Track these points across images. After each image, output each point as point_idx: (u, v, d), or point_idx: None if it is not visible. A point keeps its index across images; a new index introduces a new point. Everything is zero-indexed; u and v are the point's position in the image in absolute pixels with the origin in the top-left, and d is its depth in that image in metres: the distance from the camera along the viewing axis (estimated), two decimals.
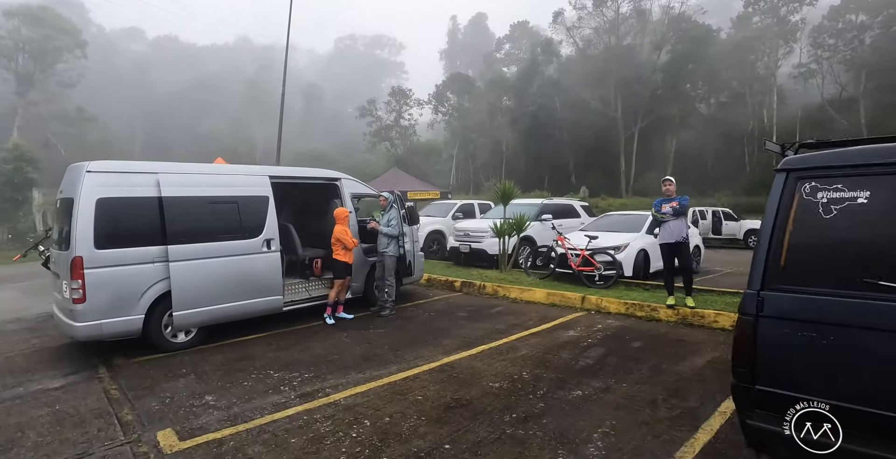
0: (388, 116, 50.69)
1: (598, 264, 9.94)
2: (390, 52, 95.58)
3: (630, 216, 12.19)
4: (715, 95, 46.02)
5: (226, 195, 6.72)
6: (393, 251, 7.98)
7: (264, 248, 6.94)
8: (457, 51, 78.64)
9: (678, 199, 7.70)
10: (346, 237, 7.51)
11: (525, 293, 9.12)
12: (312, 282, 8.22)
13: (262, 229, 6.95)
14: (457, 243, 12.51)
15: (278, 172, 7.56)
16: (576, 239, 10.56)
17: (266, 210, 7.05)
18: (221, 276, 6.50)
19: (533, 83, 45.99)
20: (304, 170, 8.14)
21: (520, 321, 7.57)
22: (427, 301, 9.16)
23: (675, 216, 7.56)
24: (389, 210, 8.07)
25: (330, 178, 8.23)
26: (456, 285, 10.19)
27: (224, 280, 6.52)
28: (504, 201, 10.93)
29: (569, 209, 14.16)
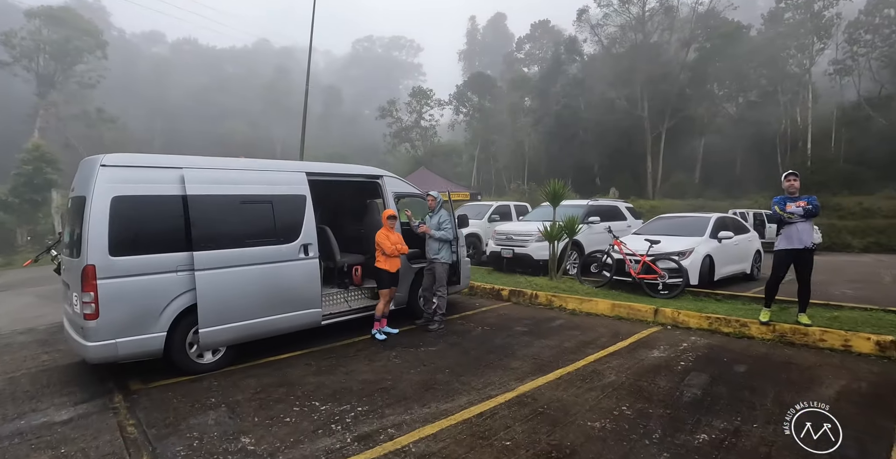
0: (409, 116, 49.97)
1: (661, 272, 8.95)
2: (408, 54, 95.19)
3: (689, 219, 11.15)
4: (744, 93, 44.46)
5: (259, 194, 5.87)
6: (446, 258, 7.09)
7: (301, 254, 6.08)
8: (476, 51, 77.83)
9: (806, 198, 6.51)
10: (387, 242, 6.63)
11: (585, 303, 8.15)
12: (352, 292, 7.35)
13: (298, 233, 6.09)
14: (497, 248, 11.57)
15: (316, 168, 6.71)
16: (634, 244, 9.56)
17: (303, 211, 6.20)
18: (254, 287, 5.65)
19: (556, 83, 44.96)
20: (343, 166, 7.28)
21: (589, 338, 6.61)
22: (475, 312, 8.24)
23: (804, 218, 6.42)
24: (439, 211, 7.17)
25: (371, 175, 7.36)
26: (503, 293, 9.25)
27: (257, 291, 5.67)
28: (554, 202, 9.98)
29: (614, 211, 13.14)
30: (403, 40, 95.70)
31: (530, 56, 62.31)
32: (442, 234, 6.96)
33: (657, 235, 10.10)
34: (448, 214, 7.17)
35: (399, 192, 7.56)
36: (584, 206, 12.10)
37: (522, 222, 12.14)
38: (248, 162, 6.06)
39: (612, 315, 7.78)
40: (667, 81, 42.26)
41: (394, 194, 7.42)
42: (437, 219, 7.10)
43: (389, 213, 6.78)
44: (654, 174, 42.43)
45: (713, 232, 10.14)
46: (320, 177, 6.70)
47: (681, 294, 8.76)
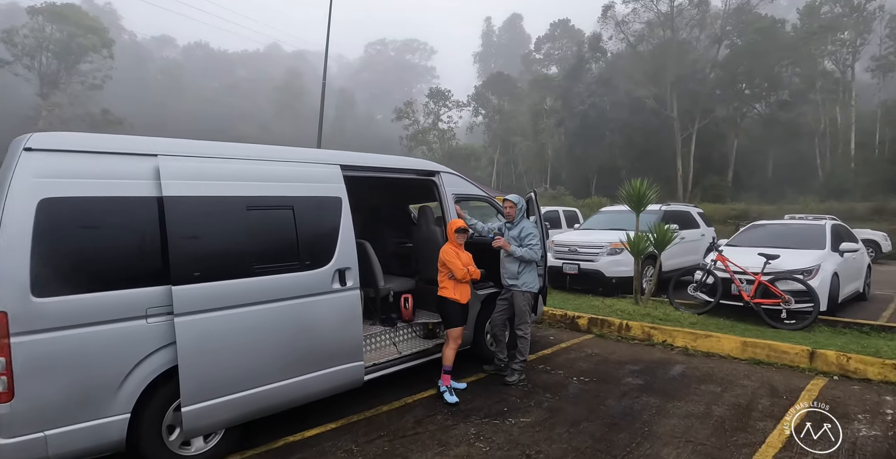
0: (426, 118, 48.22)
1: (785, 296, 6.95)
2: (421, 57, 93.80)
3: (795, 227, 9.13)
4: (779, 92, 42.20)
5: (274, 195, 3.99)
6: (531, 284, 5.16)
7: (336, 284, 4.20)
8: (491, 53, 76.15)
9: None
10: (458, 263, 4.74)
11: (702, 340, 6.17)
12: (401, 330, 5.43)
13: (332, 253, 4.21)
14: (558, 262, 9.61)
15: (354, 159, 4.80)
16: (743, 259, 7.57)
17: (338, 220, 4.33)
18: (266, 336, 3.78)
19: (580, 82, 43.05)
20: (389, 159, 5.34)
21: (741, 398, 4.65)
22: (555, 351, 6.29)
23: None
24: (521, 222, 5.26)
25: (426, 170, 5.45)
26: (581, 323, 7.28)
27: (271, 344, 3.80)
28: (637, 208, 8.02)
29: (686, 217, 11.13)
30: (416, 43, 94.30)
31: (549, 56, 60.40)
32: (527, 252, 5.04)
33: (757, 246, 8.13)
34: (534, 225, 5.26)
35: (460, 194, 5.66)
36: (657, 211, 10.11)
37: (588, 232, 10.19)
38: (259, 149, 4.18)
39: (746, 358, 5.79)
40: (696, 79, 40.22)
41: (454, 197, 5.52)
42: (518, 231, 5.19)
43: (458, 224, 4.88)
44: (685, 177, 40.25)
45: (833, 243, 8.14)
46: (360, 172, 4.82)
47: (812, 325, 6.77)
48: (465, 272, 4.74)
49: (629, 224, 9.13)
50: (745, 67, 39.18)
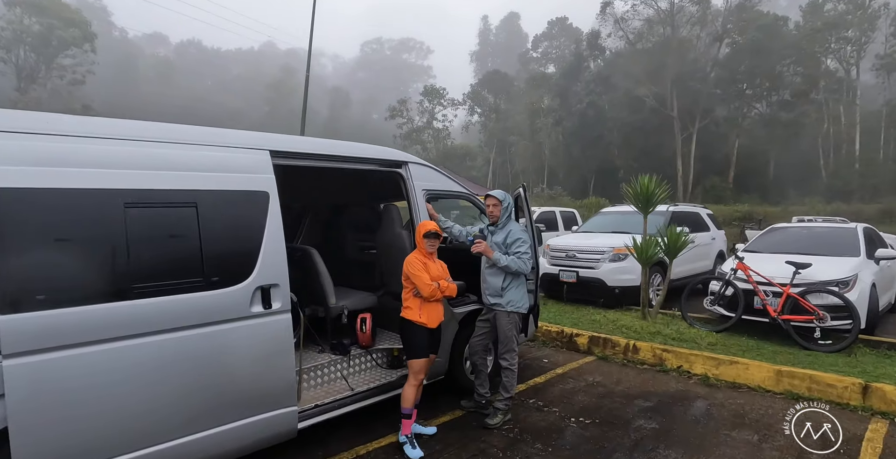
0: (420, 117, 47.17)
1: (820, 312, 5.92)
2: (417, 56, 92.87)
3: (821, 230, 8.09)
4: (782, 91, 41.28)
5: (166, 189, 2.94)
6: (518, 303, 4.13)
7: (256, 306, 3.17)
8: (488, 52, 75.17)
9: None
10: (424, 277, 3.70)
11: (725, 367, 5.13)
12: (356, 359, 4.36)
13: (251, 265, 3.18)
14: (554, 269, 8.57)
15: (290, 144, 3.73)
16: (768, 267, 6.55)
17: (263, 222, 3.29)
18: (151, 381, 2.76)
19: (578, 80, 42.06)
20: (341, 145, 4.28)
21: (788, 451, 3.61)
22: (549, 379, 5.25)
23: None
24: (507, 224, 4.22)
25: (388, 160, 4.39)
26: (580, 342, 6.24)
27: (158, 391, 2.78)
28: (645, 208, 6.97)
29: (695, 219, 10.09)
30: (413, 42, 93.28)
31: (547, 55, 59.40)
32: (513, 262, 3.99)
33: (781, 252, 7.12)
34: (523, 229, 4.21)
35: (433, 190, 4.62)
36: (664, 213, 9.07)
37: (588, 235, 9.14)
38: (149, 128, 3.13)
39: (781, 392, 4.75)
40: (697, 78, 39.26)
41: (425, 193, 4.48)
42: (503, 235, 4.15)
43: (428, 227, 3.85)
44: (685, 178, 39.31)
45: (868, 250, 7.12)
46: (299, 160, 3.77)
47: (852, 346, 5.75)
48: (433, 288, 3.71)
49: (634, 227, 8.14)
50: (746, 66, 38.26)
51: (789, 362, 5.16)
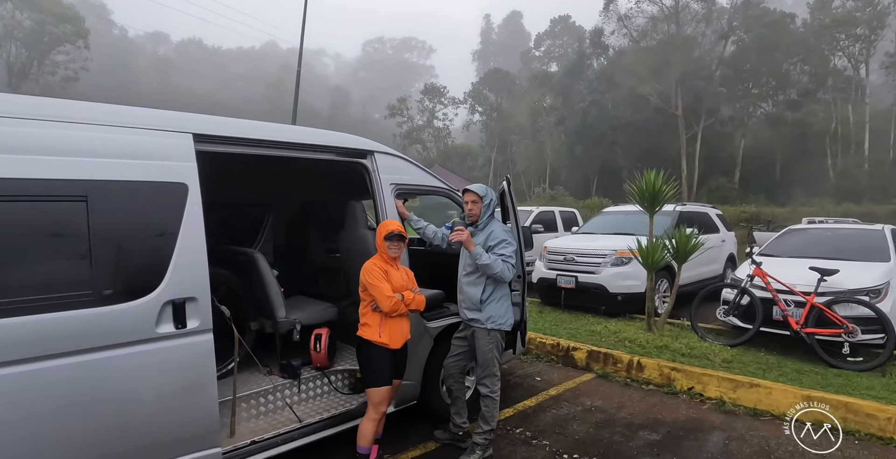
0: (420, 116, 46.53)
1: (849, 325, 5.25)
2: (420, 56, 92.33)
3: (842, 232, 7.41)
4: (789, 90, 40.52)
5: (46, 179, 2.30)
6: (500, 318, 3.47)
7: (166, 325, 2.54)
8: (490, 51, 74.51)
9: None
10: (383, 288, 3.06)
11: (744, 390, 4.45)
12: (309, 383, 3.70)
13: (160, 274, 2.54)
14: (551, 273, 7.91)
15: (221, 127, 3.08)
16: (788, 274, 5.87)
17: (178, 221, 2.64)
18: (19, 421, 2.13)
19: (581, 79, 41.37)
20: (293, 130, 3.63)
21: None
22: (539, 402, 4.58)
23: None
24: (488, 224, 3.56)
25: (349, 149, 3.72)
26: (578, 357, 5.56)
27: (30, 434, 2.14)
28: (651, 207, 6.28)
29: (704, 220, 9.39)
30: (415, 41, 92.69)
31: (549, 54, 58.68)
32: (496, 263, 3.34)
33: (802, 257, 6.44)
34: (506, 231, 3.55)
35: (404, 184, 3.96)
36: (671, 213, 8.40)
37: (588, 237, 8.46)
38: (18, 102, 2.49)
39: (811, 421, 4.07)
40: (702, 76, 38.52)
41: (394, 188, 3.83)
42: (484, 237, 3.50)
43: (391, 228, 3.21)
44: (690, 178, 38.54)
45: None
46: (235, 147, 3.11)
47: (887, 363, 5.07)
48: (395, 302, 3.06)
49: (638, 228, 7.48)
50: (752, 64, 37.60)
51: (816, 383, 4.49)
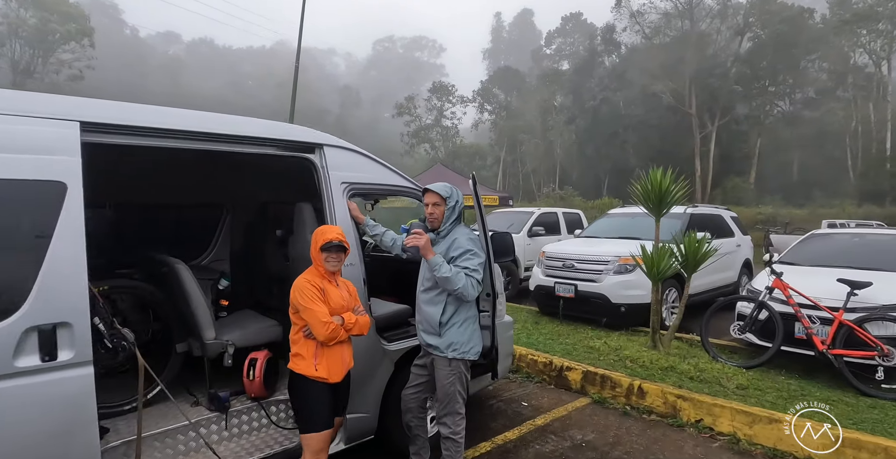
0: (428, 114, 45.98)
1: (884, 347, 4.58)
2: (430, 55, 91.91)
3: (876, 238, 6.70)
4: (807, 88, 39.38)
5: None
6: (467, 346, 2.88)
7: (29, 357, 2.02)
8: (501, 50, 73.80)
9: None
10: (317, 310, 2.50)
11: (762, 425, 3.78)
12: (240, 417, 3.12)
13: (21, 295, 2.01)
14: (549, 281, 7.30)
15: (119, 113, 2.51)
16: (811, 285, 5.21)
17: (49, 229, 2.10)
18: None
19: (592, 77, 40.56)
20: (221, 120, 3.02)
21: None
22: (523, 434, 3.96)
23: None
24: (453, 229, 2.98)
25: (291, 142, 3.14)
26: (571, 378, 4.94)
27: None
28: (657, 209, 5.62)
29: (718, 223, 8.71)
30: (425, 40, 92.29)
31: (560, 52, 57.79)
32: (456, 276, 2.76)
33: (827, 265, 5.78)
34: (472, 239, 2.95)
35: (360, 183, 3.38)
36: (681, 215, 7.74)
37: (590, 241, 7.84)
38: None
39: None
40: (717, 74, 37.53)
41: (347, 188, 3.26)
42: (446, 246, 2.92)
43: (328, 235, 2.66)
44: (704, 178, 37.55)
45: None
46: (140, 138, 2.55)
47: None
48: (332, 328, 2.50)
49: (645, 232, 6.86)
50: (769, 61, 36.52)
51: (847, 416, 3.83)
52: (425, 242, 2.82)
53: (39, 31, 30.65)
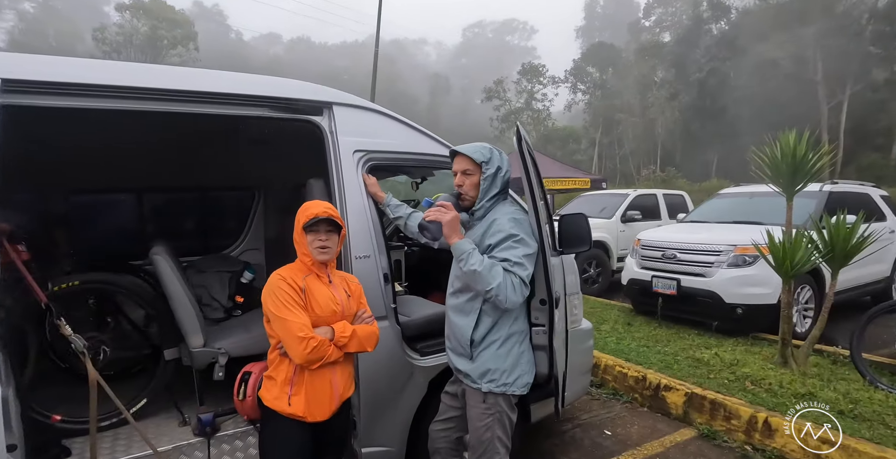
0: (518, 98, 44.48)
1: None
2: (521, 37, 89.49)
3: None
4: None
5: None
6: (508, 377, 2.03)
7: None
8: (595, 27, 69.88)
9: None
10: (295, 318, 1.78)
11: None
12: (229, 443, 2.49)
13: None
14: (645, 274, 6.16)
15: (52, 68, 1.92)
16: None
17: None
18: None
19: (697, 47, 36.92)
20: (192, 75, 2.37)
21: None
22: None
23: None
24: (491, 209, 2.12)
25: (294, 101, 2.42)
26: (671, 400, 3.89)
27: None
28: (790, 184, 4.32)
29: (864, 204, 6.94)
30: (516, 23, 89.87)
31: (661, 23, 53.41)
32: (487, 269, 1.90)
33: None
34: (516, 221, 2.05)
35: (381, 151, 2.62)
36: (817, 193, 6.22)
37: (696, 227, 6.57)
38: None
39: None
40: (848, 34, 32.53)
41: (363, 158, 2.52)
42: (482, 230, 2.08)
43: (312, 210, 1.95)
44: (833, 155, 32.91)
45: None
46: (81, 99, 1.95)
47: None
48: (314, 345, 1.82)
49: (766, 214, 5.58)
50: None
51: None
52: (451, 218, 2.00)
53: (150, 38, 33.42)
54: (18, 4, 56.10)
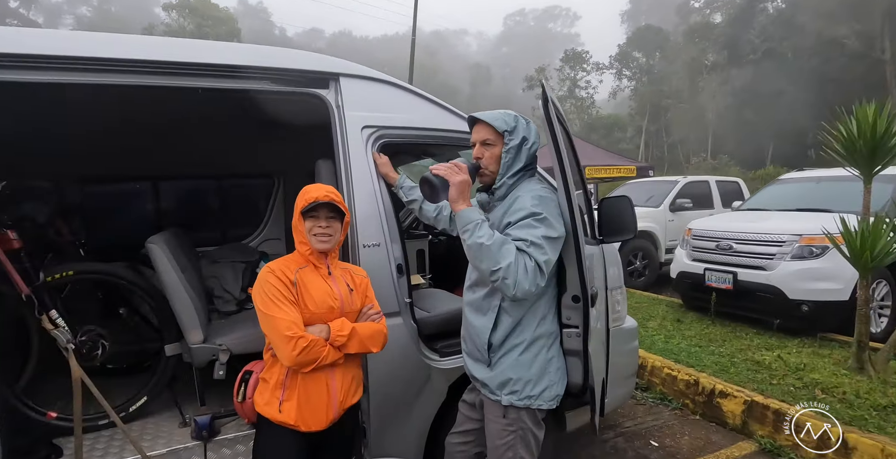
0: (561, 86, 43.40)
1: None
2: (563, 24, 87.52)
3: None
4: None
5: None
6: (532, 388, 1.70)
7: None
8: (641, 10, 67.48)
9: None
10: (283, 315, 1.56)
11: None
12: (237, 445, 2.28)
13: None
14: (697, 266, 5.67)
15: (16, 41, 1.75)
16: None
17: None
18: None
19: (752, 27, 34.94)
20: (181, 45, 2.11)
21: None
22: None
23: None
24: (515, 186, 1.79)
25: (297, 72, 2.17)
26: (728, 409, 3.47)
27: None
28: (868, 165, 3.79)
29: None
30: (558, 9, 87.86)
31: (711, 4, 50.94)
32: (497, 246, 1.57)
33: None
34: (541, 198, 1.70)
35: (395, 127, 2.34)
36: (894, 177, 5.55)
37: (754, 215, 6.01)
38: None
39: None
40: None
41: (373, 134, 2.25)
42: (503, 210, 1.75)
43: (312, 193, 1.73)
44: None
45: None
46: (60, 72, 1.77)
47: None
48: (304, 345, 1.57)
49: (836, 201, 5.04)
50: None
51: None
52: (461, 180, 1.67)
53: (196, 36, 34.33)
54: (76, 9, 58.89)
